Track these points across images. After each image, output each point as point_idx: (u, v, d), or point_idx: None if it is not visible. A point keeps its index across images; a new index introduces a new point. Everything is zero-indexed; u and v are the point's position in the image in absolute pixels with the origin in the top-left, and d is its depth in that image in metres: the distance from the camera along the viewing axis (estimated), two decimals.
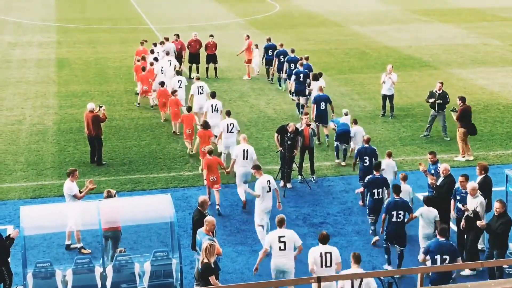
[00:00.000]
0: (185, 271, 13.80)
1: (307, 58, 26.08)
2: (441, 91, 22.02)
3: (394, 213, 14.16)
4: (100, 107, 20.05)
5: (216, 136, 20.03)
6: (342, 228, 16.36)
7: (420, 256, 13.05)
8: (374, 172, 15.85)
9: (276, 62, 27.67)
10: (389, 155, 17.28)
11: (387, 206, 14.33)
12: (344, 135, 19.91)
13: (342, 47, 34.86)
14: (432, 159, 16.26)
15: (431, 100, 22.01)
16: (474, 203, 14.20)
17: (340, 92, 27.38)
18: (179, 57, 29.32)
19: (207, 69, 29.99)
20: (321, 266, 12.19)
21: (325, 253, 12.24)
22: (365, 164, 17.26)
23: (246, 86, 28.59)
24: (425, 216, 14.45)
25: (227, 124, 19.35)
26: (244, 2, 53.08)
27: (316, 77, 23.77)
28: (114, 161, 20.12)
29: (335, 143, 20.18)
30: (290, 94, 25.58)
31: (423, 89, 28.32)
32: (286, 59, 26.63)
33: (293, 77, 24.21)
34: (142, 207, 13.79)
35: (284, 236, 12.81)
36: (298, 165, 18.95)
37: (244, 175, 17.40)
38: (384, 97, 24.38)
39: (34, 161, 20.29)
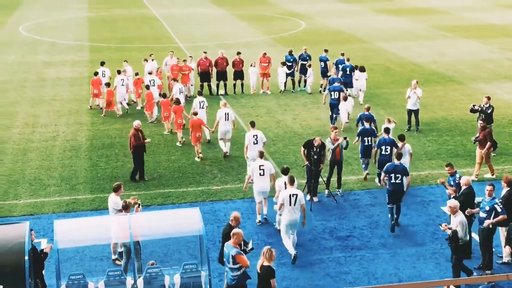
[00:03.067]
0: (214, 283, 13.78)
1: (343, 54, 29.23)
2: (488, 105, 21.90)
3: (393, 175, 16.53)
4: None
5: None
6: (368, 241, 16.22)
7: (382, 175, 16.86)
8: (395, 161, 16.91)
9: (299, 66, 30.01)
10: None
11: (387, 169, 16.73)
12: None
13: (367, 63, 34.69)
14: (449, 171, 16.09)
15: (480, 122, 20.81)
16: (455, 222, 13.77)
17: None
18: (206, 75, 29.49)
19: (234, 85, 30.14)
20: (290, 205, 14.93)
21: (293, 194, 15.00)
22: (386, 153, 18.66)
23: (273, 102, 28.63)
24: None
25: (253, 135, 19.39)
26: (270, 21, 53.32)
27: (363, 69, 28.19)
28: (144, 175, 20.22)
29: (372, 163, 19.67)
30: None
31: (448, 104, 28.13)
32: (336, 61, 28.77)
33: (341, 72, 27.54)
34: (172, 221, 13.82)
35: (263, 165, 16.76)
36: (326, 180, 18.84)
37: (260, 193, 16.94)
38: (410, 112, 24.26)
39: (68, 176, 20.50)
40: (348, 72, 28.13)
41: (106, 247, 15.48)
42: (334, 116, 25.13)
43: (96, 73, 27.81)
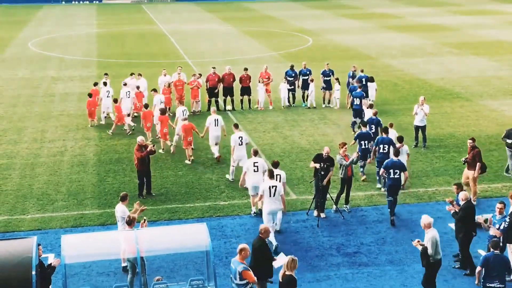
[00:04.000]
0: None
1: (362, 71, 29.25)
2: None
3: (391, 171, 17.91)
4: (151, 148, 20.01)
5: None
6: (375, 258, 16.17)
7: (381, 171, 18.23)
8: (393, 157, 18.29)
9: (301, 81, 30.29)
10: (391, 125, 21.30)
11: (386, 165, 18.07)
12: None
13: (375, 79, 34.78)
14: (457, 191, 16.02)
15: (509, 141, 20.80)
16: (426, 238, 13.73)
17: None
18: (214, 90, 29.64)
19: (241, 101, 30.25)
20: (270, 196, 16.26)
21: (272, 186, 16.28)
22: (384, 151, 19.93)
23: (280, 118, 28.70)
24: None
25: (238, 137, 20.49)
26: (277, 37, 53.56)
27: (372, 79, 29.15)
28: (152, 190, 20.26)
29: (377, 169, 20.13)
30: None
31: (455, 120, 28.12)
32: (358, 77, 28.45)
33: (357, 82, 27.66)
34: (179, 236, 13.82)
35: (257, 162, 18.00)
36: (336, 196, 18.82)
37: (254, 188, 17.91)
38: (417, 128, 24.27)
39: (75, 191, 20.57)
40: (364, 82, 28.74)
41: (113, 263, 15.49)
42: (355, 121, 25.74)
43: (90, 95, 27.33)
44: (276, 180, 16.93)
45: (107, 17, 70.45)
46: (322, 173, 18.00)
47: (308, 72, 30.72)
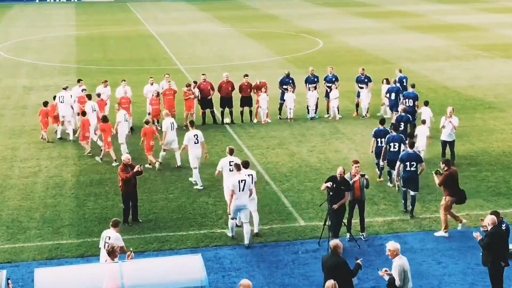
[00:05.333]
0: None
1: (413, 86, 28.25)
2: None
3: (408, 163, 19.68)
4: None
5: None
6: None
7: (397, 164, 20.11)
8: (408, 149, 20.08)
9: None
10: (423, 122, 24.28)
11: (401, 158, 19.93)
12: (409, 178, 20.12)
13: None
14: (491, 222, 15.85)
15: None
16: (392, 268, 13.79)
17: None
18: (208, 101, 29.59)
19: (241, 113, 30.25)
20: (239, 191, 18.00)
21: (241, 180, 18.07)
22: (394, 150, 21.63)
23: (286, 132, 28.68)
24: None
25: (193, 135, 22.17)
26: (283, 39, 53.73)
27: (388, 81, 29.85)
28: (138, 217, 20.17)
29: (403, 189, 20.40)
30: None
31: (487, 134, 28.05)
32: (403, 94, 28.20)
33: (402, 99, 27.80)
34: (170, 269, 13.73)
35: (233, 161, 19.35)
36: (346, 221, 18.72)
37: (232, 185, 18.39)
38: (444, 143, 24.19)
39: (50, 217, 20.49)
40: (405, 83, 29.84)
41: None
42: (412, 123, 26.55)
43: (45, 104, 28.27)
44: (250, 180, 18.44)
45: (87, 17, 70.78)
46: (331, 193, 17.83)
47: (316, 80, 30.83)
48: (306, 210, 20.63)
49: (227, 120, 30.10)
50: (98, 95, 28.72)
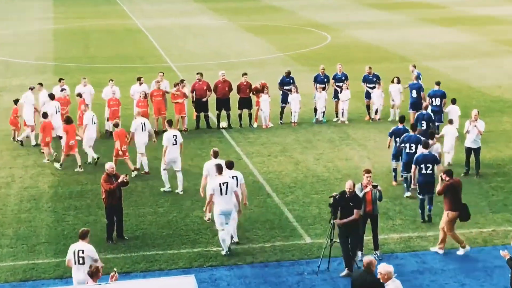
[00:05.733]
0: None
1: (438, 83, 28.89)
2: None
3: (423, 165, 20.34)
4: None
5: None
6: None
7: (412, 168, 20.68)
8: (423, 150, 20.71)
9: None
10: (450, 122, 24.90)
11: (416, 160, 20.51)
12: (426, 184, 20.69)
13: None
14: None
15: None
16: None
17: None
18: (203, 103, 29.68)
19: (240, 116, 30.32)
20: (221, 194, 18.50)
21: (223, 183, 18.61)
22: (411, 151, 22.17)
23: (290, 138, 28.75)
24: None
25: (172, 136, 22.90)
26: (286, 33, 53.84)
27: (399, 81, 30.71)
28: (124, 233, 20.21)
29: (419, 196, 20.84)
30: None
31: None
32: (428, 93, 28.63)
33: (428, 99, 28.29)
34: None
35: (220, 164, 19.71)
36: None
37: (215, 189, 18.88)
38: (469, 150, 24.19)
39: (25, 234, 20.51)
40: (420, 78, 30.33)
41: None
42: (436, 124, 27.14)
43: (16, 101, 28.84)
44: (234, 183, 19.04)
45: (67, 9, 70.96)
46: (339, 209, 17.72)
47: (326, 80, 30.97)
48: (313, 225, 20.67)
49: (223, 124, 30.17)
50: (79, 95, 28.86)
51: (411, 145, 22.32)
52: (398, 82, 30.48)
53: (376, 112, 30.85)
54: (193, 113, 30.07)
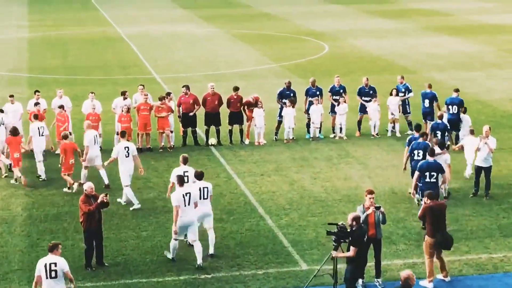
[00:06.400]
0: None
1: (430, 86, 30.49)
2: None
3: (427, 174, 21.08)
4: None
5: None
6: None
7: (416, 174, 21.42)
8: (429, 158, 21.43)
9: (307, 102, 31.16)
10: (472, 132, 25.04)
11: (420, 167, 21.27)
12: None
13: (415, 101, 34.93)
14: None
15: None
16: None
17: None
18: (191, 118, 29.69)
19: (230, 131, 30.30)
20: (185, 206, 19.31)
21: (186, 193, 19.37)
22: (418, 158, 22.86)
23: (285, 155, 28.74)
24: None
25: (124, 147, 23.65)
26: (281, 42, 53.96)
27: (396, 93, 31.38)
28: (104, 259, 20.12)
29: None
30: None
31: None
32: (445, 100, 29.30)
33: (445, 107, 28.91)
34: None
35: (187, 171, 21.01)
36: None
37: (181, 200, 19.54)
38: (479, 169, 24.16)
39: None
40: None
41: None
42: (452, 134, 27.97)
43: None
44: (203, 194, 20.04)
45: (43, 16, 71.00)
46: (335, 243, 17.63)
47: (318, 92, 31.03)
48: (309, 251, 20.62)
49: (212, 140, 30.14)
50: (62, 107, 28.91)
51: (419, 151, 23.03)
52: (397, 94, 30.64)
53: (374, 128, 30.88)
54: (179, 129, 30.06)
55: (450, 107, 28.55)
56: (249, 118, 30.38)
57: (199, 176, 20.35)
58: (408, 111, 31.26)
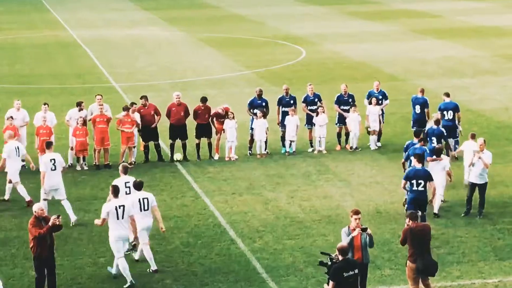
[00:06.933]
0: None
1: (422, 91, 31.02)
2: None
3: (414, 181, 21.85)
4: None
5: None
6: None
7: (402, 183, 22.40)
8: (416, 164, 22.28)
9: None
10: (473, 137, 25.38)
11: (407, 175, 22.14)
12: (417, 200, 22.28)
13: (402, 111, 35.14)
14: None
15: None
16: None
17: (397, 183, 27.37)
18: (152, 131, 29.61)
19: (197, 146, 30.22)
20: (117, 219, 19.86)
21: (119, 206, 19.92)
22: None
23: (258, 172, 28.73)
24: None
25: (50, 160, 23.91)
26: (254, 47, 54.04)
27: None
28: None
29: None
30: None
31: None
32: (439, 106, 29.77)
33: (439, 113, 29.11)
34: None
35: (129, 182, 21.55)
36: None
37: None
38: (473, 186, 24.17)
39: None
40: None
41: None
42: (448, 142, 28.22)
43: None
44: (144, 206, 20.58)
45: None
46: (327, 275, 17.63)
47: (292, 102, 31.03)
48: (286, 277, 20.59)
49: (178, 156, 30.07)
50: (11, 117, 28.92)
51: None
52: (377, 103, 30.78)
53: (352, 140, 30.96)
54: (140, 143, 29.93)
55: (445, 112, 28.92)
56: (219, 131, 30.33)
57: (138, 186, 20.91)
58: (382, 121, 31.47)
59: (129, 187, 21.48)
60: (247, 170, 29.09)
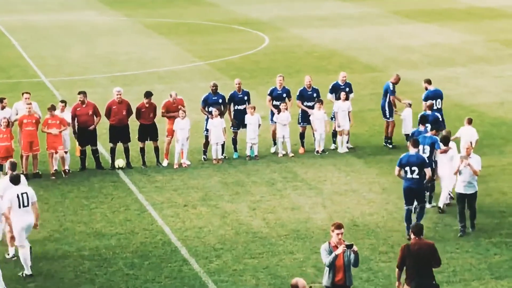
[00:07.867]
0: None
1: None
2: None
3: (408, 168, 23.04)
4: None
5: None
6: None
7: (396, 169, 23.49)
8: (410, 150, 23.38)
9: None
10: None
11: (400, 162, 23.22)
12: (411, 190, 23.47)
13: (379, 101, 35.33)
14: None
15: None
16: None
17: (382, 188, 27.54)
18: (89, 133, 29.57)
19: (142, 150, 30.14)
20: (20, 207, 21.36)
21: (22, 193, 21.45)
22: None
23: (214, 180, 28.74)
24: None
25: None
26: (208, 34, 54.06)
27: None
28: None
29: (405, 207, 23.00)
30: None
31: None
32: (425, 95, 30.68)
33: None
34: None
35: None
36: None
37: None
38: (461, 197, 24.14)
39: None
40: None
41: None
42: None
43: None
44: (23, 201, 21.54)
45: None
46: None
47: (245, 98, 31.16)
48: None
49: (120, 162, 30.00)
50: None
51: (425, 147, 24.98)
52: (347, 98, 31.01)
53: (318, 143, 31.13)
54: (76, 148, 29.83)
55: (433, 102, 29.39)
56: (169, 133, 30.27)
57: (14, 179, 21.87)
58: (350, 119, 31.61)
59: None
60: (201, 178, 29.08)
